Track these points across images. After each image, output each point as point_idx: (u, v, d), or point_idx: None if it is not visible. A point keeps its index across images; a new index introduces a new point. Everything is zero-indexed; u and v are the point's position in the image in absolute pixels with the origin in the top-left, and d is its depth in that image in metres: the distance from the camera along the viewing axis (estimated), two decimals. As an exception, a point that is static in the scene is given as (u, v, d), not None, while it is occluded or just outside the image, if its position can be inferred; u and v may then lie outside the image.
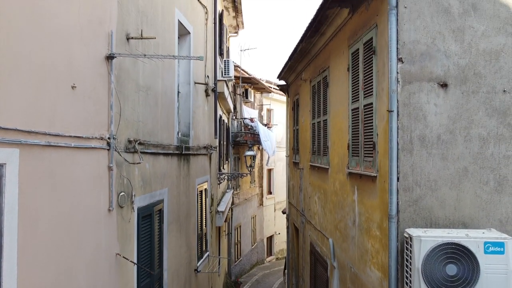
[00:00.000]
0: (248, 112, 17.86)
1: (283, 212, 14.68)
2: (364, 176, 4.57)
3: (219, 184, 11.19)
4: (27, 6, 3.23)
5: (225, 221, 12.24)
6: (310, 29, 6.35)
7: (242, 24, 14.90)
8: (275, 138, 18.54)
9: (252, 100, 18.97)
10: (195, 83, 7.90)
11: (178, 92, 7.28)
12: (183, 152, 6.90)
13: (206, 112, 9.01)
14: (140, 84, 5.17)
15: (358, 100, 4.84)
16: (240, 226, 17.33)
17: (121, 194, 4.54)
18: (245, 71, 16.50)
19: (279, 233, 22.72)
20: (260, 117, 20.56)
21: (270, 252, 22.72)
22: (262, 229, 21.26)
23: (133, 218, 4.85)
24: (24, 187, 3.14)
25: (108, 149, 4.31)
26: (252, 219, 19.57)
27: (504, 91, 3.60)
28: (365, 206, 4.60)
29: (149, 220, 5.39)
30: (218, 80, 10.12)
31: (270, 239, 22.77)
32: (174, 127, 6.55)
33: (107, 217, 4.29)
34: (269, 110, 21.93)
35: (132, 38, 4.80)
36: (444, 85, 3.63)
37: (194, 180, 7.87)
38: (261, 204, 21.07)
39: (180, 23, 6.90)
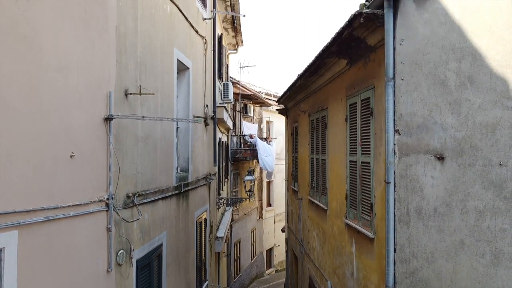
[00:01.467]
0: (248, 127, 17.87)
1: (282, 231, 14.69)
2: (362, 233, 4.58)
3: (218, 209, 11.20)
4: (25, 83, 3.26)
5: (224, 242, 12.25)
6: (308, 71, 6.37)
7: (242, 41, 14.93)
8: (275, 152, 18.53)
9: (252, 114, 18.98)
10: (194, 117, 7.91)
11: (177, 127, 7.30)
12: (182, 190, 6.92)
13: (205, 141, 9.02)
14: (139, 135, 5.18)
15: (356, 154, 4.86)
16: (239, 242, 17.34)
17: (119, 252, 4.56)
18: (244, 87, 16.51)
19: (279, 245, 22.71)
20: (260, 130, 20.57)
21: (269, 265, 22.72)
22: (262, 241, 21.27)
23: (131, 272, 4.87)
24: (23, 266, 3.18)
25: (107, 210, 4.33)
26: (252, 233, 19.58)
27: (501, 164, 3.62)
28: (363, 263, 4.61)
29: (148, 269, 5.41)
30: (217, 107, 10.14)
31: (269, 251, 22.77)
32: (173, 167, 6.56)
33: (106, 278, 4.31)
34: (268, 123, 21.94)
35: (130, 94, 4.81)
36: (440, 158, 3.65)
37: (193, 214, 7.89)
38: (261, 217, 21.07)
39: (179, 61, 6.91)
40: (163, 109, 6.11)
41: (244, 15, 10.53)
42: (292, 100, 9.63)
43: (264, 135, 20.80)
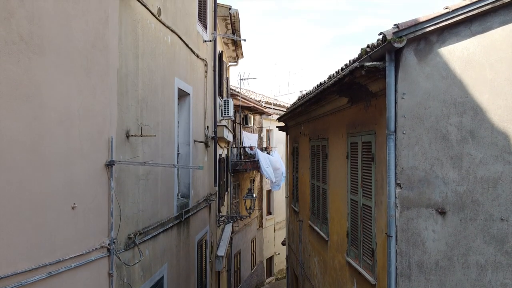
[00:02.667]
0: (248, 137, 17.85)
1: (283, 244, 14.69)
2: (363, 276, 4.59)
3: (218, 226, 11.21)
4: (26, 141, 3.27)
5: (225, 257, 12.25)
6: (308, 101, 6.37)
7: (242, 54, 14.92)
8: (280, 160, 18.49)
9: (252, 125, 18.97)
10: (195, 141, 7.92)
11: (178, 153, 7.30)
12: (183, 218, 6.92)
13: (205, 163, 9.03)
14: (140, 173, 5.18)
15: (357, 194, 4.87)
16: (239, 253, 17.34)
17: (121, 295, 4.56)
18: (244, 99, 16.51)
19: (279, 253, 22.72)
20: (260, 139, 20.56)
21: (269, 273, 22.72)
22: (262, 251, 21.26)
23: (133, 313, 4.87)
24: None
25: (108, 256, 4.33)
26: (252, 243, 19.58)
27: (502, 219, 3.62)
28: (364, 306, 4.62)
29: (149, 305, 5.42)
30: (218, 125, 10.15)
31: (270, 259, 22.78)
32: (173, 197, 6.57)
33: (107, 323, 4.32)
34: (268, 131, 21.93)
35: (132, 135, 4.81)
36: (442, 212, 3.66)
37: (193, 239, 7.89)
38: (261, 226, 21.07)
39: (179, 89, 6.92)
40: (164, 140, 6.11)
41: (245, 40, 10.54)
42: (293, 120, 9.63)
43: (264, 145, 20.79)
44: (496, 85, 3.63)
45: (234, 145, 16.52)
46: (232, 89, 16.28)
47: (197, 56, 8.04)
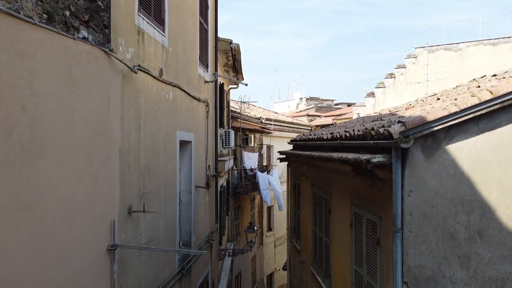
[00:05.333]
0: (248, 157, 17.80)
1: (284, 269, 14.64)
2: None
3: (219, 260, 11.15)
4: (29, 252, 3.21)
5: (227, 285, 12.18)
6: (308, 157, 6.32)
7: (242, 77, 14.88)
8: (278, 180, 18.48)
9: (252, 144, 18.92)
10: (197, 187, 7.86)
11: (180, 200, 7.25)
12: (185, 271, 6.87)
13: (207, 203, 8.97)
14: (142, 241, 5.13)
15: (362, 268, 4.82)
16: (240, 274, 17.29)
17: None
18: (245, 121, 16.46)
19: (279, 269, 22.66)
20: (260, 155, 20.50)
21: (270, 289, 22.68)
22: (262, 268, 21.22)
23: None
24: None
25: None
26: (252, 261, 19.52)
27: (510, 320, 3.58)
28: None
29: None
30: (219, 161, 10.10)
31: (270, 276, 22.74)
32: (175, 254, 6.51)
33: None
34: (268, 147, 21.88)
35: (134, 212, 4.76)
36: (450, 312, 3.61)
37: (195, 284, 7.84)
38: (261, 243, 21.02)
39: (181, 140, 6.87)
40: (165, 200, 6.06)
41: (246, 84, 10.49)
42: (294, 157, 9.58)
43: (265, 162, 20.75)
44: (504, 183, 3.58)
45: (234, 167, 16.47)
46: (233, 111, 16.24)
47: (198, 100, 7.99)
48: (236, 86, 15.37)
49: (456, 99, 4.55)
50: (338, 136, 5.56)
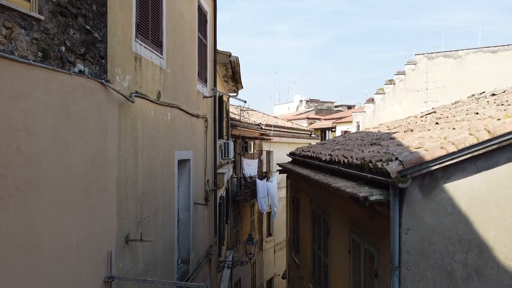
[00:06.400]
0: (248, 164, 17.80)
1: (283, 278, 14.64)
2: None
3: (219, 272, 11.14)
4: (25, 285, 3.20)
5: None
6: (307, 177, 6.31)
7: (241, 86, 14.88)
8: (276, 188, 18.49)
9: (252, 151, 18.91)
10: (195, 203, 7.85)
11: (179, 218, 7.24)
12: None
13: (205, 217, 8.96)
14: (140, 268, 5.12)
15: (360, 296, 4.81)
16: (239, 281, 17.30)
17: None
18: (245, 128, 16.44)
19: (279, 274, 22.66)
20: (260, 161, 20.49)
21: (269, 295, 22.67)
22: (262, 273, 21.22)
23: None
24: None
25: None
26: (252, 267, 19.52)
27: None
28: None
29: None
30: (218, 174, 10.08)
31: (270, 281, 22.74)
32: (174, 275, 6.50)
33: None
34: (268, 153, 21.86)
35: (131, 241, 4.75)
36: None
37: (194, 301, 7.83)
38: (261, 249, 21.01)
39: (179, 160, 6.85)
40: (164, 221, 6.04)
41: (245, 102, 10.47)
42: (293, 173, 9.57)
43: (264, 168, 20.74)
44: (502, 223, 3.57)
45: (234, 174, 16.46)
46: (232, 119, 16.21)
47: (197, 116, 7.97)
48: (235, 94, 15.35)
49: (454, 128, 4.54)
50: (337, 161, 5.55)
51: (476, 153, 3.50)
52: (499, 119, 4.14)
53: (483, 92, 8.38)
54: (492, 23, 20.89)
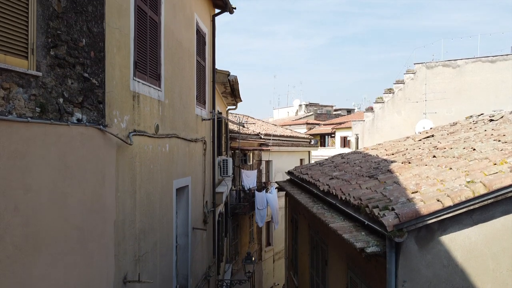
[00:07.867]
0: (247, 175, 17.82)
1: (282, 291, 14.61)
2: None
3: (217, 290, 11.15)
4: None
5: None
6: (304, 206, 6.32)
7: (240, 99, 14.89)
8: (276, 201, 18.52)
9: (251, 162, 18.93)
10: (194, 228, 7.86)
11: (177, 244, 7.25)
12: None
13: (204, 240, 8.97)
14: (138, 306, 5.13)
15: (357, 335, 4.82)
16: (239, 293, 17.28)
17: None
18: (244, 139, 16.46)
19: (278, 284, 22.67)
20: (259, 171, 20.51)
21: (269, 304, 22.66)
22: (261, 283, 21.22)
23: None
24: None
25: None
26: (251, 278, 19.52)
27: None
28: None
29: None
30: (216, 193, 10.09)
31: (269, 291, 22.73)
32: (172, 304, 6.51)
33: None
34: (267, 162, 21.89)
35: (129, 281, 4.76)
36: None
37: (192, 326, 7.84)
38: (260, 259, 21.02)
39: (177, 188, 6.86)
40: (162, 254, 6.05)
41: (243, 125, 10.47)
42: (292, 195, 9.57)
43: (263, 178, 20.74)
44: (498, 275, 3.58)
45: (233, 187, 16.47)
46: (231, 130, 16.23)
47: (196, 141, 7.98)
48: (234, 107, 15.37)
49: (451, 168, 4.55)
50: (334, 194, 5.56)
51: (472, 207, 3.51)
52: (495, 164, 4.16)
53: (481, 115, 8.41)
54: (491, 32, 20.88)
